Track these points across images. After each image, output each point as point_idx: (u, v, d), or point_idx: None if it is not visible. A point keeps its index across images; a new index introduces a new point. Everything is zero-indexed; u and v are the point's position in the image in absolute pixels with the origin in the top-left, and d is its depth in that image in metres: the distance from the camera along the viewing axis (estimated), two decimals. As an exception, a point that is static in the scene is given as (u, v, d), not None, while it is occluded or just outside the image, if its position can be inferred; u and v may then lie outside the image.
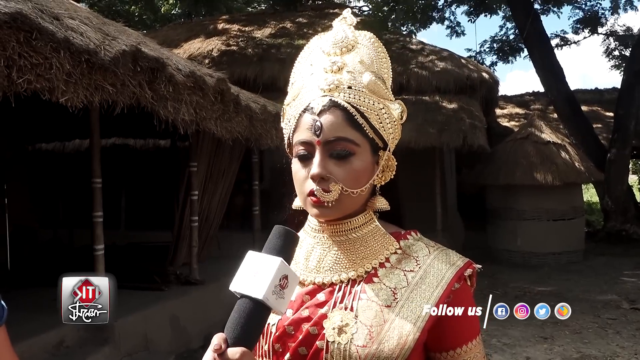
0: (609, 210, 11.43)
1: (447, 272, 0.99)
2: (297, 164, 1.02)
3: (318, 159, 0.97)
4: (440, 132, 8.86)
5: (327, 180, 0.97)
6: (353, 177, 0.98)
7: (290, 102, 1.05)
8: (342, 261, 1.02)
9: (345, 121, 0.97)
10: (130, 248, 7.63)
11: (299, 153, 1.01)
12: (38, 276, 6.02)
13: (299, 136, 1.00)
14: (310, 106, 0.99)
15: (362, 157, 0.99)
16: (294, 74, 1.09)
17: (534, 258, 9.30)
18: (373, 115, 1.00)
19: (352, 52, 1.03)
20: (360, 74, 1.00)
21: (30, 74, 2.74)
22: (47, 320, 4.30)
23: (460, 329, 0.99)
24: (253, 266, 0.89)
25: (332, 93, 0.98)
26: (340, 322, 0.95)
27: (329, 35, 1.06)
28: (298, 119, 1.01)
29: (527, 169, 9.19)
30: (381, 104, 1.01)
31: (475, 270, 1.03)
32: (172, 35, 11.77)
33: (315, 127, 0.97)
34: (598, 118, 14.14)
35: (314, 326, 0.97)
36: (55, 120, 6.57)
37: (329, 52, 1.03)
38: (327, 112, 0.97)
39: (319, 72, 1.02)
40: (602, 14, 12.11)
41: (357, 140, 0.98)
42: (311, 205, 1.00)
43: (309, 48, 1.09)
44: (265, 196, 7.45)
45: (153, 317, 4.91)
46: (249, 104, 5.22)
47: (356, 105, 0.98)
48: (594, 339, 5.47)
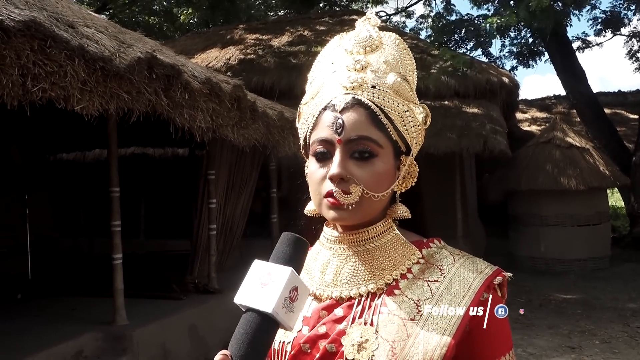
0: (635, 215, 11.14)
1: (475, 281, 0.92)
2: (314, 164, 0.95)
3: (338, 159, 0.91)
4: (460, 137, 8.74)
5: (347, 182, 0.91)
6: (375, 179, 0.92)
7: (309, 101, 1.00)
8: (361, 273, 0.95)
9: (368, 120, 0.92)
10: (149, 257, 7.64)
11: (316, 151, 0.94)
12: (58, 285, 6.06)
13: (318, 134, 0.94)
14: (331, 103, 0.94)
15: (384, 159, 0.93)
16: (312, 72, 1.04)
17: (558, 265, 9.09)
18: (397, 117, 0.94)
19: (377, 52, 0.98)
20: (385, 74, 0.96)
21: (44, 82, 2.72)
22: (67, 329, 4.31)
23: (492, 341, 0.91)
24: (260, 277, 0.82)
25: (356, 91, 0.93)
26: (359, 338, 0.89)
27: (352, 35, 1.01)
28: (317, 117, 0.95)
29: (550, 174, 9.01)
30: (406, 106, 0.96)
31: (505, 279, 0.96)
32: (189, 44, 11.85)
33: (337, 125, 0.91)
34: (622, 121, 13.87)
35: (331, 343, 0.91)
36: (75, 130, 6.62)
37: (352, 50, 0.98)
38: (349, 110, 0.92)
39: (341, 70, 0.97)
40: (624, 15, 11.85)
41: (380, 141, 0.93)
42: (328, 208, 0.93)
43: (330, 47, 1.04)
44: (283, 203, 7.41)
45: (171, 327, 4.87)
46: (266, 111, 5.18)
47: (380, 105, 0.93)
48: (624, 349, 5.29)
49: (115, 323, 4.42)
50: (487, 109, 9.64)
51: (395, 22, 19.67)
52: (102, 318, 4.54)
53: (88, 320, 4.59)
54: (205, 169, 5.98)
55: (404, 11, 19.83)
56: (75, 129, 6.22)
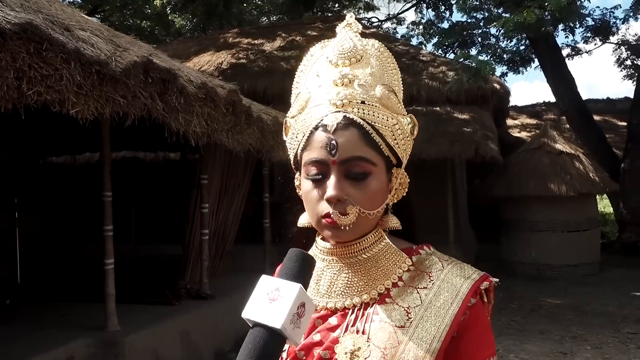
0: (624, 222, 11.25)
1: (463, 287, 0.93)
2: (309, 184, 0.95)
3: (334, 180, 0.91)
4: (452, 143, 8.78)
5: (343, 202, 0.92)
6: (370, 198, 0.94)
7: (297, 116, 0.99)
8: (354, 285, 0.97)
9: (361, 139, 0.92)
10: (140, 262, 7.58)
11: (310, 173, 0.94)
12: (48, 291, 5.98)
13: (311, 155, 0.94)
14: (323, 123, 0.93)
15: (378, 176, 0.94)
16: (297, 83, 1.04)
17: (548, 270, 9.14)
18: (388, 132, 0.95)
19: (362, 62, 0.98)
20: (372, 87, 0.95)
21: (40, 85, 2.69)
22: (57, 335, 4.25)
23: (476, 345, 0.92)
24: (268, 292, 0.82)
25: (345, 108, 0.92)
26: (352, 346, 0.91)
27: (335, 44, 1.01)
28: (309, 137, 0.95)
29: (540, 180, 9.07)
30: (395, 119, 0.96)
31: (492, 284, 0.97)
32: (181, 48, 11.83)
33: (331, 146, 0.91)
34: (610, 128, 14.01)
35: (325, 350, 0.93)
36: (66, 133, 6.57)
37: (337, 62, 0.98)
38: (342, 130, 0.92)
39: (327, 84, 0.96)
40: (613, 23, 11.98)
41: (374, 160, 0.93)
42: (325, 227, 0.95)
43: (313, 56, 1.04)
44: (276, 209, 7.39)
45: (163, 333, 4.82)
46: (261, 116, 5.18)
47: (371, 122, 0.93)
48: (614, 354, 5.32)
49: (107, 329, 4.37)
50: (478, 115, 9.70)
51: (387, 29, 19.78)
52: (93, 324, 4.48)
53: (79, 326, 4.52)
54: (198, 174, 5.95)
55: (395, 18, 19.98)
56: (67, 132, 6.16)
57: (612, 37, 12.54)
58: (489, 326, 0.95)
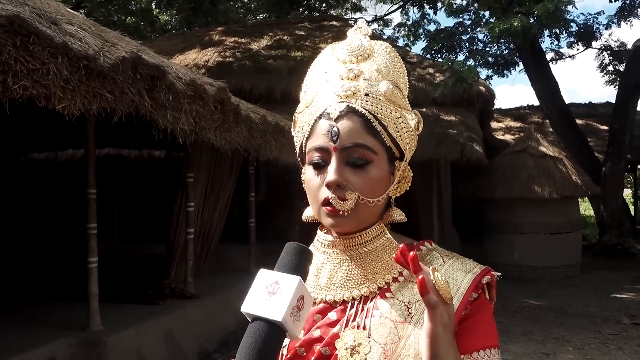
0: (604, 224, 11.41)
1: (464, 281, 0.94)
2: (311, 172, 0.97)
3: (334, 166, 0.93)
4: (438, 145, 8.83)
5: (343, 188, 0.93)
6: (370, 185, 0.94)
7: (304, 110, 1.02)
8: (354, 277, 0.98)
9: (363, 128, 0.94)
10: (123, 260, 7.48)
11: (313, 160, 0.96)
12: (29, 289, 5.87)
13: (314, 142, 0.96)
14: (326, 112, 0.96)
15: (379, 165, 0.96)
16: (307, 82, 1.06)
17: (531, 272, 9.24)
18: (390, 123, 0.97)
19: (369, 60, 1.01)
20: (377, 82, 0.98)
21: (26, 79, 2.64)
22: (39, 335, 4.18)
23: (478, 336, 0.90)
24: (267, 286, 0.81)
25: (349, 99, 0.95)
26: (352, 341, 0.91)
27: (344, 44, 1.04)
28: (313, 125, 0.97)
29: (524, 182, 9.17)
30: (398, 112, 0.98)
31: (494, 279, 0.98)
32: (167, 45, 11.71)
33: (332, 133, 0.93)
34: (592, 132, 14.19)
35: (326, 347, 0.93)
36: (49, 129, 6.46)
37: (345, 59, 1.01)
38: (344, 118, 0.94)
39: (334, 79, 0.99)
40: (596, 29, 12.16)
41: (375, 148, 0.95)
42: (326, 215, 0.95)
43: (323, 57, 1.07)
44: (261, 208, 7.36)
45: (147, 332, 4.77)
46: (249, 114, 5.14)
47: (374, 113, 0.95)
48: (596, 356, 5.39)
49: (89, 328, 4.30)
50: (464, 117, 9.77)
51: (374, 30, 19.82)
52: (75, 323, 4.41)
53: (61, 325, 4.44)
54: (184, 172, 5.89)
55: (382, 19, 20.02)
56: (50, 128, 6.06)
57: (595, 42, 12.74)
58: (492, 319, 0.95)
